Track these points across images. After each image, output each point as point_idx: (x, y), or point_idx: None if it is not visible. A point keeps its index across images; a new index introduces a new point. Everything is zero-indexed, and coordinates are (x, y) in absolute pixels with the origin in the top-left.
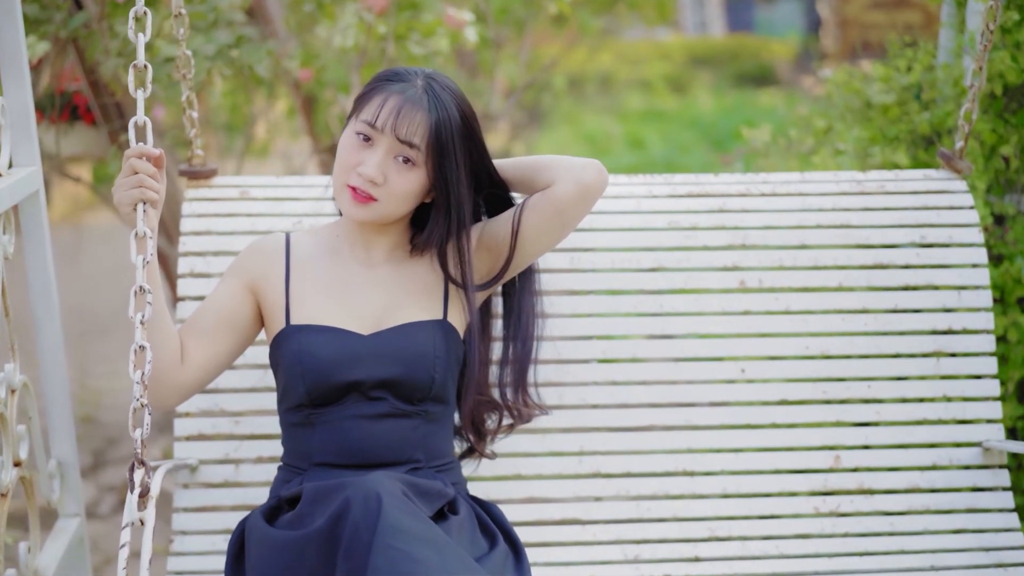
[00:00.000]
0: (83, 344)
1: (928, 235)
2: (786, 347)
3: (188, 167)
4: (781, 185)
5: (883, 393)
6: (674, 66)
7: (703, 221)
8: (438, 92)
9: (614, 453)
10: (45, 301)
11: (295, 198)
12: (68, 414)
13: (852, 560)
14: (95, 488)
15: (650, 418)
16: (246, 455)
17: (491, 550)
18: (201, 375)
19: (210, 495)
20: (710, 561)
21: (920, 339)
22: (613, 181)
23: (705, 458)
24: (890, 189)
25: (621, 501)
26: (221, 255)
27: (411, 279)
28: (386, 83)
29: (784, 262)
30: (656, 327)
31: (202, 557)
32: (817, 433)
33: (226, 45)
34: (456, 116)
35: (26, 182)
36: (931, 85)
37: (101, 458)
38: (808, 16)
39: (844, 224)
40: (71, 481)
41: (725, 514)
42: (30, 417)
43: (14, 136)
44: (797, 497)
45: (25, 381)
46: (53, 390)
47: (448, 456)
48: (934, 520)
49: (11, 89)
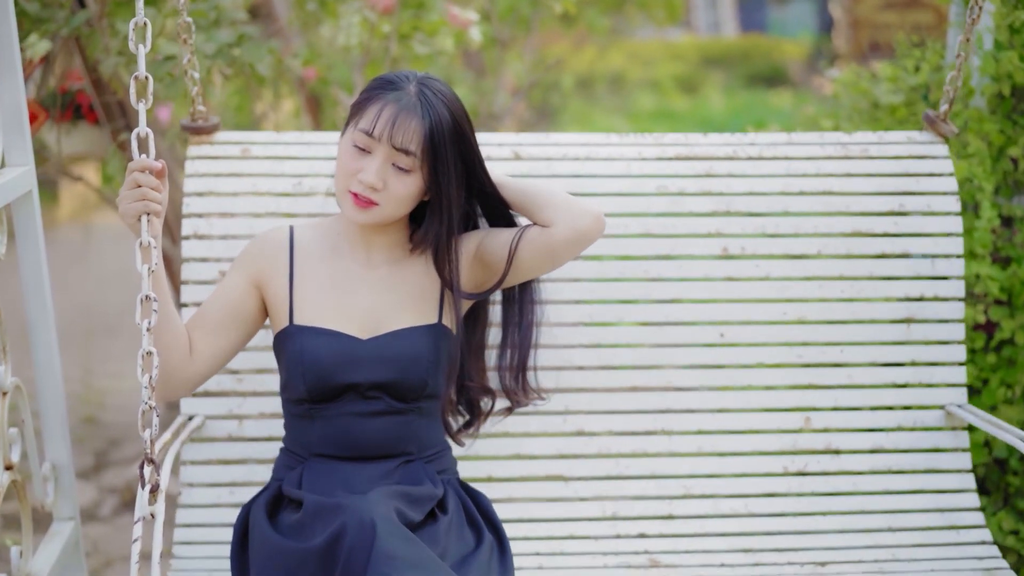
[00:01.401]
0: (89, 344)
1: (906, 203)
2: (765, 312)
3: (190, 123)
4: (768, 148)
5: (855, 358)
6: (686, 66)
7: (690, 186)
8: (430, 97)
9: (597, 413)
10: (39, 303)
11: (295, 157)
12: (63, 417)
13: (816, 519)
14: (96, 490)
15: (632, 379)
16: (249, 411)
17: (477, 546)
18: (210, 366)
19: (215, 449)
20: (683, 519)
21: (892, 306)
22: (604, 141)
23: (683, 418)
24: (873, 153)
25: (602, 459)
26: (225, 216)
27: (408, 281)
28: (381, 91)
29: (767, 229)
30: (640, 292)
31: (208, 510)
32: (790, 395)
33: (226, 44)
34: (448, 118)
35: (18, 182)
36: (939, 85)
37: (103, 459)
38: (820, 16)
39: (826, 191)
40: (66, 484)
41: (700, 472)
42: (23, 420)
43: (6, 135)
44: (767, 456)
45: (18, 384)
46: (48, 393)
47: (439, 444)
48: (895, 480)
49: (3, 88)
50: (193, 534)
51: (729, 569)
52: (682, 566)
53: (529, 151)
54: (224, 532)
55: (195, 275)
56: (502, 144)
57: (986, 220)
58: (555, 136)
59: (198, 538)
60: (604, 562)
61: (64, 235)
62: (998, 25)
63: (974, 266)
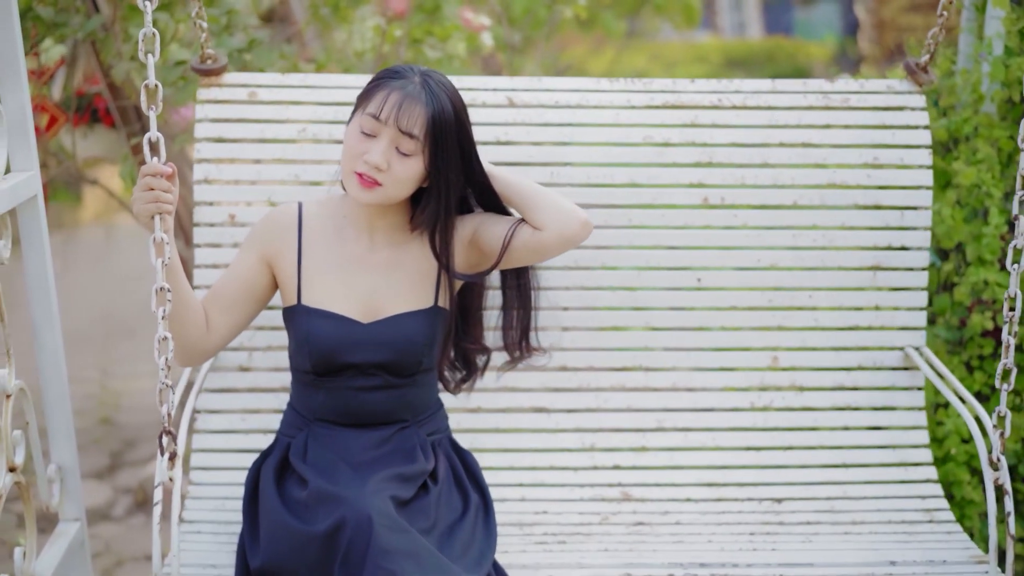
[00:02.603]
0: (107, 346)
1: (880, 156)
2: (740, 259)
3: (199, 65)
4: (752, 96)
5: (822, 302)
6: (710, 68)
7: (675, 136)
8: (434, 88)
9: (579, 349)
10: (44, 306)
11: (300, 101)
12: (68, 419)
13: (777, 454)
14: (111, 490)
15: (613, 320)
16: (258, 344)
17: (464, 512)
18: (225, 337)
19: (226, 378)
20: (655, 451)
21: (861, 254)
22: (595, 87)
23: (660, 356)
24: (854, 103)
25: (582, 392)
26: (234, 163)
27: (408, 264)
28: (387, 80)
29: (746, 180)
30: (624, 239)
31: (220, 435)
32: (760, 336)
33: (236, 49)
34: (450, 109)
35: (23, 187)
36: (950, 91)
37: (118, 460)
38: (845, 18)
39: (805, 143)
40: (71, 486)
41: (672, 407)
42: (27, 422)
43: (11, 141)
44: (736, 392)
45: (22, 386)
46: (53, 395)
47: (431, 407)
48: (853, 416)
49: (8, 93)
50: (209, 459)
51: (693, 504)
52: (650, 499)
53: (522, 97)
54: (237, 458)
55: (206, 218)
56: (496, 89)
57: (994, 226)
58: (547, 81)
59: (214, 463)
60: (580, 494)
61: (87, 236)
62: (1008, 31)
63: (982, 272)
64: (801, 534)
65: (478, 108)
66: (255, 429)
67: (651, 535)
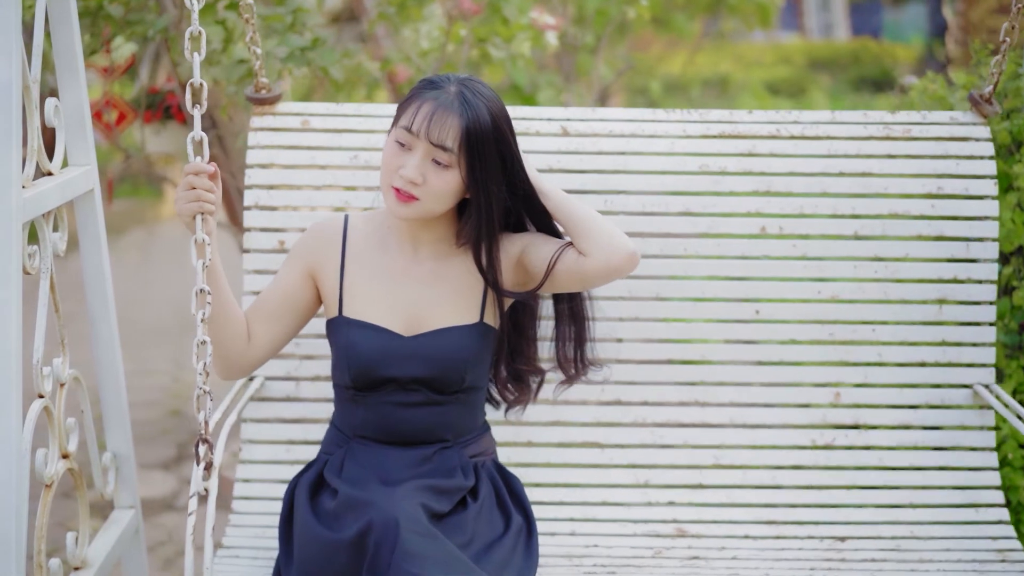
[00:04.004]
0: (181, 339)
1: (944, 186)
2: (799, 291)
3: (254, 94)
4: (810, 127)
5: (886, 336)
6: (793, 69)
7: (731, 165)
8: (469, 98)
9: (634, 384)
10: (100, 298)
11: (352, 129)
12: (124, 409)
13: (839, 493)
14: (176, 480)
15: (669, 352)
16: (305, 373)
17: (506, 530)
18: (267, 351)
19: (273, 408)
20: (712, 489)
21: (925, 287)
22: (651, 117)
23: (716, 391)
24: (916, 134)
25: (637, 428)
26: (284, 188)
27: (453, 277)
28: (421, 91)
29: (805, 209)
30: (679, 269)
31: (266, 466)
32: (821, 371)
33: (299, 48)
34: (487, 119)
35: (80, 181)
36: (1015, 93)
37: (185, 451)
38: (933, 20)
39: (866, 172)
40: (126, 474)
41: (730, 443)
42: (82, 411)
43: (69, 136)
44: (796, 429)
45: (76, 375)
46: (109, 385)
47: (476, 428)
48: (920, 456)
49: (66, 91)
50: (252, 489)
51: (752, 541)
52: (707, 536)
53: (576, 127)
54: (281, 488)
55: (256, 244)
56: (550, 119)
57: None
58: (601, 111)
59: (256, 493)
60: (634, 529)
61: (167, 231)
62: None
63: None
64: (865, 571)
65: (532, 137)
66: (299, 460)
67: (707, 569)
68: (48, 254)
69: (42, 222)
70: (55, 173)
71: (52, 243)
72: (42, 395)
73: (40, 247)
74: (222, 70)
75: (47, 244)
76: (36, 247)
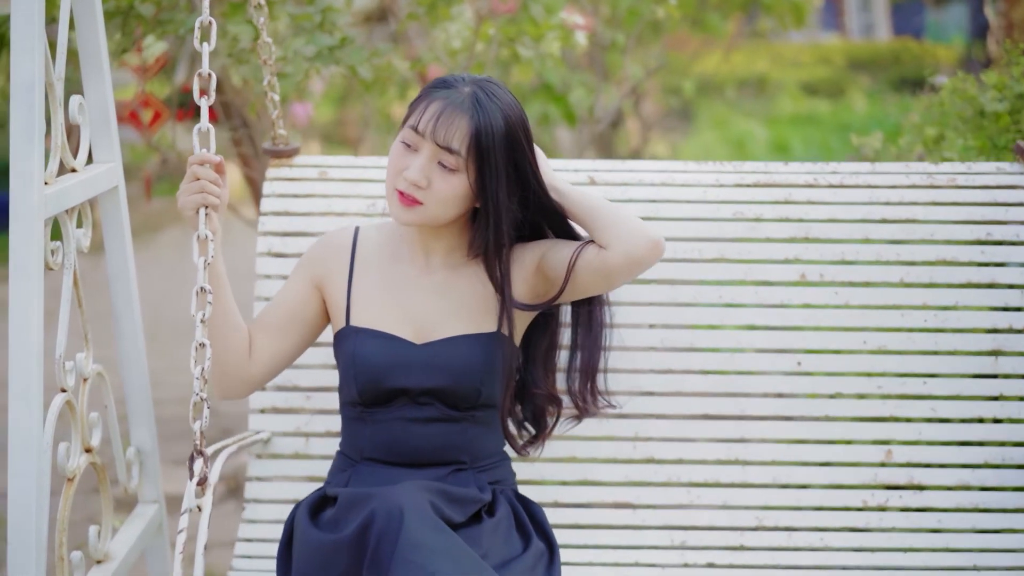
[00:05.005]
0: None
1: (994, 232)
2: (844, 341)
3: (272, 146)
4: (849, 176)
5: (939, 390)
6: (832, 69)
7: (768, 212)
8: (482, 99)
9: (668, 440)
10: (124, 293)
11: (370, 179)
12: (148, 404)
13: (896, 556)
14: None
15: (704, 407)
16: (316, 429)
17: (524, 551)
18: (269, 369)
19: (281, 466)
20: (755, 551)
21: (978, 337)
22: (682, 168)
23: (757, 448)
24: (960, 183)
25: (672, 487)
26: (298, 236)
27: (465, 287)
28: (432, 90)
29: (846, 256)
30: (714, 318)
31: (272, 525)
32: (870, 427)
33: (327, 47)
34: (499, 123)
35: (104, 177)
36: None
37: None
38: (975, 20)
39: (910, 219)
40: (150, 469)
41: (773, 504)
42: (105, 406)
43: (93, 133)
44: (846, 490)
45: (99, 371)
46: (133, 381)
47: (494, 455)
48: (982, 518)
49: (90, 87)
50: (255, 549)
51: None
52: None
53: (604, 177)
54: None
55: (268, 292)
56: (578, 170)
57: None
58: (631, 163)
59: (259, 552)
60: None
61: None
62: None
63: None
64: None
65: None
66: None
67: None
68: (71, 250)
69: (65, 218)
70: (79, 170)
71: (76, 239)
72: (64, 389)
73: (63, 243)
74: (251, 69)
75: (70, 240)
76: (59, 243)
